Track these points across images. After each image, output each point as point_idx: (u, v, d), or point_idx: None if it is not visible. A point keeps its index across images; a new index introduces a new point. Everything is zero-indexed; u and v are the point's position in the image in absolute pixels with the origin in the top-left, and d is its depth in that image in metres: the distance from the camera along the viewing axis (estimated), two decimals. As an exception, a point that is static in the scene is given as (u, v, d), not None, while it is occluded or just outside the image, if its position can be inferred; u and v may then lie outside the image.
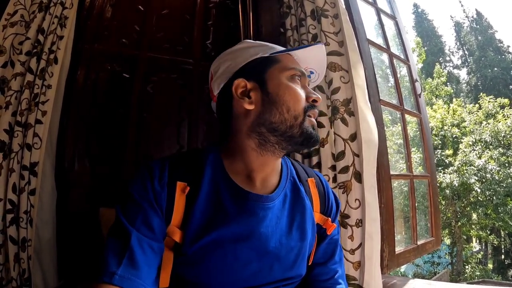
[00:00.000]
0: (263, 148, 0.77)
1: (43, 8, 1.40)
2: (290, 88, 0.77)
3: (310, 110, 0.78)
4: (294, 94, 0.77)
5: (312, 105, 0.79)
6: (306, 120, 0.76)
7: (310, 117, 0.78)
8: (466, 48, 27.21)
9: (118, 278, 0.58)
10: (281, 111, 0.75)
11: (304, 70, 0.85)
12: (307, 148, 0.83)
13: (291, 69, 0.80)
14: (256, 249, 0.73)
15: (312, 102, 0.79)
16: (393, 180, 1.69)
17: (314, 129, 0.79)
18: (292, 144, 0.77)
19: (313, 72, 0.91)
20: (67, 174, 1.59)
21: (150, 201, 0.69)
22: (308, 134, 0.76)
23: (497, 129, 11.80)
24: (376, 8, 2.12)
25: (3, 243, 1.29)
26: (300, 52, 0.85)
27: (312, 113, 0.79)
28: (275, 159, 0.80)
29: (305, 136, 0.76)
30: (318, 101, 0.80)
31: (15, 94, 1.33)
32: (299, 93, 0.77)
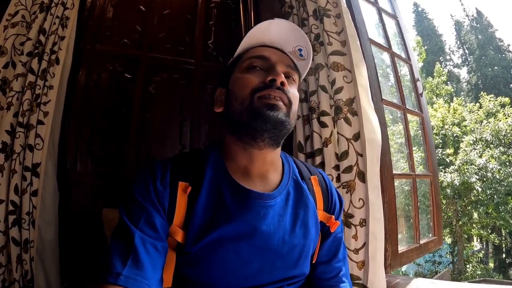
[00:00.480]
0: (242, 141, 0.78)
1: (44, 8, 1.40)
2: (238, 79, 0.81)
3: (262, 90, 0.75)
4: (240, 82, 0.79)
5: (266, 85, 0.76)
6: (254, 102, 0.74)
7: (264, 97, 0.74)
8: (466, 47, 27.21)
9: (124, 278, 0.58)
10: (233, 103, 0.79)
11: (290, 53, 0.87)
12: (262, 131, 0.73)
13: (245, 60, 0.83)
14: (258, 247, 0.73)
15: (269, 82, 0.76)
16: (394, 179, 1.69)
17: (270, 109, 0.73)
18: (247, 130, 0.76)
19: (302, 49, 0.88)
20: (69, 175, 1.59)
21: (152, 201, 0.70)
22: (254, 114, 0.73)
23: (498, 128, 11.79)
24: (377, 7, 2.11)
25: (6, 244, 1.29)
26: (269, 36, 0.85)
27: (267, 93, 0.74)
28: (262, 153, 0.79)
29: (252, 117, 0.74)
30: (277, 79, 0.76)
31: (17, 95, 1.33)
32: (245, 79, 0.79)
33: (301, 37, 0.87)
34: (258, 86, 0.76)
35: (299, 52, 0.88)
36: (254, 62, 0.81)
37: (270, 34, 0.85)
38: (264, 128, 0.73)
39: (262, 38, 0.85)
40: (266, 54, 0.83)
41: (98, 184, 1.64)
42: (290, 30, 0.86)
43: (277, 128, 0.74)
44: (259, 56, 0.82)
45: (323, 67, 1.38)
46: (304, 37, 0.87)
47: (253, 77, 0.78)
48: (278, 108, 0.74)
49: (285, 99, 0.76)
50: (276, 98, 0.75)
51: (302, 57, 0.88)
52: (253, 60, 0.82)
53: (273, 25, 0.85)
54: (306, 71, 0.92)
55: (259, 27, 0.85)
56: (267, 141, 0.76)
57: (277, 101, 0.75)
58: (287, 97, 0.77)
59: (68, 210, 1.51)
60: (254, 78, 0.78)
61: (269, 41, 0.86)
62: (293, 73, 0.85)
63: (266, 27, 0.85)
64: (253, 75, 0.79)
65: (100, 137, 1.69)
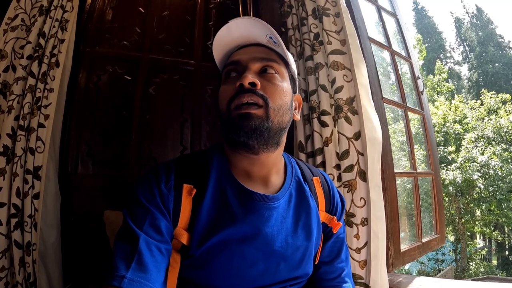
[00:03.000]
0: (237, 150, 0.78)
1: (44, 11, 1.41)
2: (219, 92, 0.80)
3: (234, 99, 0.73)
4: (220, 95, 0.79)
5: (237, 91, 0.74)
6: (231, 113, 0.73)
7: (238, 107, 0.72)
8: (466, 44, 27.13)
9: (128, 281, 0.58)
10: (219, 114, 0.79)
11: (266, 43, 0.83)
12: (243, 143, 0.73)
13: (224, 68, 0.83)
14: (262, 249, 0.73)
15: (238, 87, 0.74)
16: (396, 178, 1.69)
17: (241, 119, 0.71)
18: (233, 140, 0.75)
19: (271, 36, 0.82)
20: (70, 177, 1.59)
21: (157, 204, 0.69)
22: (231, 126, 0.73)
23: (499, 124, 11.75)
24: (377, 6, 2.11)
25: (8, 247, 1.29)
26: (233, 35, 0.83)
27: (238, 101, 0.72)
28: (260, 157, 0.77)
29: (231, 128, 0.73)
30: (243, 82, 0.73)
31: (17, 98, 1.33)
32: (223, 91, 0.78)
33: (264, 25, 0.81)
34: (231, 94, 0.74)
35: (271, 40, 0.83)
36: (228, 70, 0.81)
37: (234, 34, 0.83)
38: (241, 140, 0.72)
39: (230, 43, 0.84)
40: (237, 57, 0.80)
41: (100, 186, 1.64)
42: (252, 24, 0.82)
43: (255, 135, 0.72)
44: (231, 62, 0.81)
45: (323, 66, 1.38)
46: (266, 24, 0.81)
47: (228, 86, 0.77)
48: (250, 116, 0.71)
49: (258, 100, 0.73)
50: (248, 102, 0.72)
51: (276, 43, 0.82)
52: (227, 68, 0.81)
53: (232, 26, 0.82)
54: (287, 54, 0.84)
55: (219, 34, 0.83)
56: (257, 147, 0.74)
57: (249, 107, 0.72)
58: (259, 96, 0.73)
59: (70, 212, 1.52)
60: (229, 88, 0.77)
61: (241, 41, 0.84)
62: (272, 64, 0.80)
63: (226, 32, 0.83)
64: (228, 84, 0.78)
65: (101, 139, 1.69)
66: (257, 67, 0.78)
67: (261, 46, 0.83)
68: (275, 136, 0.76)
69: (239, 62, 0.79)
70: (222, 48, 0.85)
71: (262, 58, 0.79)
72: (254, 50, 0.81)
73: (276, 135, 0.76)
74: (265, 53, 0.81)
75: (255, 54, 0.80)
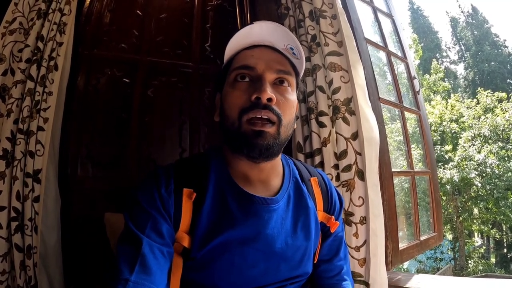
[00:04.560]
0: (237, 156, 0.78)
1: (42, 15, 1.40)
2: (227, 94, 0.77)
3: (249, 111, 0.71)
4: (229, 99, 0.76)
5: (253, 104, 0.71)
6: (242, 125, 0.71)
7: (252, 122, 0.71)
8: (462, 43, 27.27)
9: (132, 284, 0.59)
10: (224, 120, 0.77)
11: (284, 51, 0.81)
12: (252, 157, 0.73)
13: (233, 71, 0.78)
14: (263, 250, 0.74)
15: (255, 100, 0.71)
16: (394, 177, 1.70)
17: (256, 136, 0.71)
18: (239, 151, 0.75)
19: (293, 48, 0.81)
20: (70, 180, 1.59)
21: (158, 208, 0.70)
22: (242, 141, 0.72)
23: (496, 123, 11.81)
24: (372, 7, 2.12)
25: (9, 250, 1.29)
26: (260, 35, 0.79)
27: (253, 115, 0.71)
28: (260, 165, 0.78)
29: (241, 143, 0.73)
30: (262, 97, 0.70)
31: (16, 102, 1.33)
32: (233, 97, 0.75)
33: (290, 36, 0.80)
34: (245, 106, 0.72)
35: (291, 50, 0.81)
36: (240, 73, 0.77)
37: (254, 34, 0.80)
38: (252, 154, 0.73)
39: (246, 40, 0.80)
40: (252, 63, 0.76)
41: (100, 189, 1.64)
42: (277, 28, 0.80)
43: (265, 154, 0.73)
44: (245, 66, 0.77)
45: (320, 68, 1.39)
46: (292, 36, 0.81)
47: (240, 93, 0.74)
48: (265, 135, 0.71)
49: (273, 117, 0.71)
50: (263, 119, 0.71)
51: (295, 55, 0.82)
52: (239, 71, 0.77)
53: (255, 27, 0.79)
54: (302, 70, 0.86)
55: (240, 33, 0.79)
56: (261, 159, 0.75)
57: (264, 125, 0.71)
58: (275, 114, 0.72)
59: (70, 215, 1.52)
60: (241, 95, 0.74)
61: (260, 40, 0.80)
62: (286, 76, 0.78)
63: (247, 31, 0.80)
64: (240, 90, 0.75)
65: (100, 142, 1.70)
66: (272, 77, 0.76)
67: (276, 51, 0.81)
68: (280, 150, 0.78)
69: (255, 69, 0.76)
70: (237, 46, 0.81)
71: (279, 70, 0.77)
72: (269, 56, 0.79)
73: (280, 149, 0.78)
74: (280, 63, 0.79)
75: (271, 63, 0.77)
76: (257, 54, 0.78)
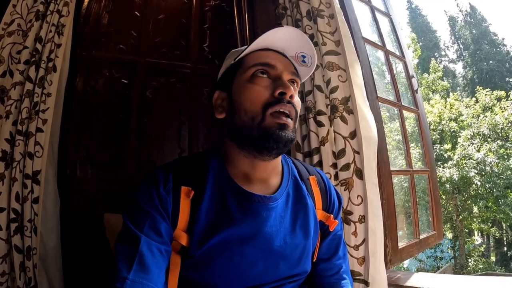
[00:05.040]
0: (244, 151, 0.78)
1: (40, 16, 1.41)
2: (245, 89, 0.77)
3: (274, 105, 0.74)
4: (248, 94, 0.76)
5: (278, 99, 0.74)
6: (266, 119, 0.73)
7: (276, 115, 0.73)
8: (461, 42, 27.30)
9: (130, 282, 0.59)
10: (240, 114, 0.77)
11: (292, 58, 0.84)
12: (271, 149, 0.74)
13: (250, 67, 0.79)
14: (262, 249, 0.74)
15: (279, 95, 0.75)
16: (393, 176, 1.70)
17: (282, 129, 0.73)
18: (256, 146, 0.75)
19: (305, 56, 0.86)
20: (69, 181, 1.59)
21: (156, 206, 0.70)
22: (266, 133, 0.73)
23: (495, 121, 11.83)
24: (370, 6, 2.13)
25: (8, 252, 1.30)
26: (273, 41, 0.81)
27: (279, 108, 0.73)
28: (264, 162, 0.79)
29: (263, 136, 0.73)
30: (287, 92, 0.74)
31: (15, 103, 1.33)
32: (254, 91, 0.76)
33: (307, 44, 0.84)
34: (269, 100, 0.74)
35: (302, 58, 0.86)
36: (260, 70, 0.78)
37: (275, 38, 0.81)
38: (274, 147, 0.74)
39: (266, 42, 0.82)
40: (272, 62, 0.80)
41: (99, 190, 1.65)
42: (295, 36, 0.83)
43: (286, 146, 0.75)
44: (266, 64, 0.79)
45: (318, 67, 1.40)
46: (310, 44, 0.84)
47: (262, 89, 0.76)
48: (288, 127, 0.74)
49: (293, 113, 0.76)
50: (285, 113, 0.74)
51: (305, 63, 0.86)
52: (259, 67, 0.78)
53: (281, 31, 0.81)
54: (307, 77, 0.92)
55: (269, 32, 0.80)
56: (273, 156, 0.77)
57: (287, 119, 0.74)
58: (295, 110, 0.77)
59: (69, 216, 1.52)
60: (263, 91, 0.75)
61: (273, 45, 0.83)
62: (296, 79, 0.84)
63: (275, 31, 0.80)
64: (261, 86, 0.76)
65: (99, 143, 1.70)
66: (288, 77, 0.80)
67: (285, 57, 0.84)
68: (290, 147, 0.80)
69: (275, 67, 0.79)
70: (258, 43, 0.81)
71: (293, 72, 0.82)
72: (283, 60, 0.82)
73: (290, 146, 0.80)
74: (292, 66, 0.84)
75: (286, 66, 0.82)
76: (273, 56, 0.81)
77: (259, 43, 0.81)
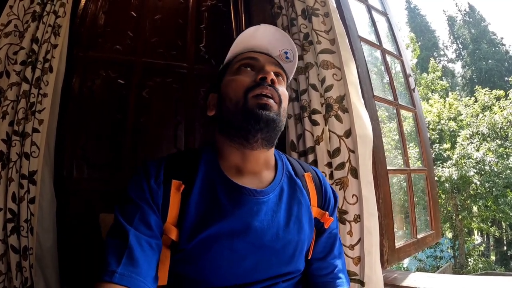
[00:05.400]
0: (234, 142, 0.80)
1: (36, 17, 1.41)
2: (230, 81, 0.83)
3: (255, 89, 0.77)
4: (233, 83, 0.81)
5: (258, 83, 0.78)
6: (248, 101, 0.76)
7: (257, 97, 0.76)
8: (460, 42, 27.32)
9: (118, 276, 0.59)
10: (227, 104, 0.81)
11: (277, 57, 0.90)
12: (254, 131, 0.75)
13: (236, 63, 0.86)
14: (252, 243, 0.74)
15: (260, 80, 0.78)
16: (392, 176, 1.70)
17: (262, 108, 0.75)
18: (241, 131, 0.77)
19: (288, 51, 0.92)
20: (66, 181, 1.59)
21: (147, 199, 0.71)
22: (247, 114, 0.75)
23: (494, 121, 11.82)
24: (367, 5, 2.13)
25: (5, 252, 1.30)
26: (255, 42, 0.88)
27: (260, 91, 0.76)
28: (255, 153, 0.80)
29: (245, 118, 0.75)
30: (267, 77, 0.78)
31: (12, 104, 1.34)
32: (238, 80, 0.81)
33: (287, 40, 0.90)
34: (250, 85, 0.78)
35: (285, 55, 0.91)
36: (244, 63, 0.84)
37: (257, 39, 0.88)
38: (256, 128, 0.75)
39: (249, 44, 0.88)
40: (255, 55, 0.86)
41: (95, 190, 1.65)
42: (276, 34, 0.89)
43: (269, 127, 0.76)
44: (248, 57, 0.85)
45: (313, 66, 1.40)
46: (289, 40, 0.91)
47: (245, 77, 0.81)
48: (270, 108, 0.76)
49: (276, 96, 0.78)
50: (267, 95, 0.77)
51: (288, 59, 0.92)
52: (242, 61, 0.85)
53: (259, 30, 0.88)
54: (293, 72, 0.96)
55: (246, 32, 0.87)
56: (260, 142, 0.77)
57: (268, 99, 0.76)
58: (277, 94, 0.79)
59: (66, 216, 1.52)
60: (246, 78, 0.80)
61: (257, 47, 0.88)
62: (281, 72, 0.88)
63: (253, 32, 0.88)
64: (244, 75, 0.81)
65: (95, 143, 1.70)
66: (272, 69, 0.84)
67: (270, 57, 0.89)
68: (277, 134, 0.81)
69: (257, 59, 0.85)
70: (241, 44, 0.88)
71: (276, 65, 0.88)
72: (267, 57, 0.88)
73: (278, 133, 0.81)
74: (276, 62, 0.89)
75: (270, 60, 0.87)
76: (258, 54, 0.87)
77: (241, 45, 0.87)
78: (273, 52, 0.90)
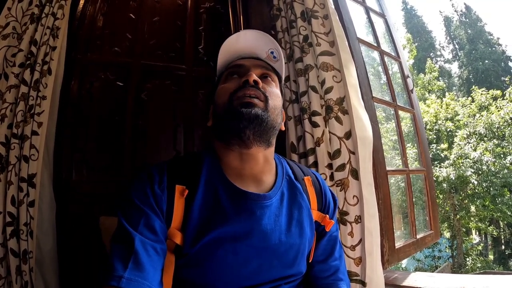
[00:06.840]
0: (230, 144, 0.81)
1: (35, 19, 1.40)
2: (219, 89, 0.87)
3: (238, 91, 0.80)
4: (221, 91, 0.85)
5: (242, 86, 0.81)
6: (233, 102, 0.79)
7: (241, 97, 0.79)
8: (456, 42, 27.47)
9: (126, 281, 0.59)
10: (217, 111, 0.85)
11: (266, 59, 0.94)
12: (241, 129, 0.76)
13: (224, 72, 0.92)
14: (256, 247, 0.74)
15: (243, 84, 0.81)
16: (390, 176, 1.70)
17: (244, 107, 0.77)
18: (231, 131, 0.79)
19: (273, 51, 0.95)
20: (65, 184, 1.59)
21: (151, 205, 0.71)
22: (232, 114, 0.77)
23: (491, 120, 11.86)
24: (365, 6, 2.14)
25: (4, 256, 1.29)
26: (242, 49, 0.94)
27: (243, 92, 0.79)
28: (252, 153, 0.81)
29: (231, 118, 0.78)
30: (249, 78, 0.81)
31: (10, 106, 1.33)
32: (224, 88, 0.85)
33: (269, 40, 0.95)
34: (235, 88, 0.81)
35: (272, 55, 0.95)
36: (230, 72, 0.89)
37: (240, 45, 0.93)
38: (241, 126, 0.76)
39: (235, 52, 0.93)
40: (240, 62, 0.90)
41: (94, 192, 1.64)
42: (258, 37, 0.95)
43: (255, 123, 0.76)
44: (235, 65, 0.90)
45: (313, 68, 1.40)
46: (272, 39, 0.95)
47: (231, 84, 0.84)
48: (253, 105, 0.77)
49: (260, 95, 0.80)
50: (251, 95, 0.79)
51: (276, 58, 0.95)
52: (230, 70, 0.90)
53: (240, 37, 0.94)
54: (283, 70, 0.98)
55: (228, 41, 0.94)
56: (252, 138, 0.77)
57: (252, 98, 0.78)
58: (261, 92, 0.81)
59: (65, 219, 1.51)
60: (232, 85, 0.84)
61: (243, 52, 0.94)
62: (270, 73, 0.91)
63: (235, 40, 0.93)
64: (231, 82, 0.85)
65: (94, 146, 1.69)
66: (258, 72, 0.88)
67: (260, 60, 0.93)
68: (269, 131, 0.81)
69: (243, 65, 0.89)
70: (227, 53, 0.94)
71: (263, 66, 0.91)
72: (255, 61, 0.92)
73: (270, 130, 0.81)
74: (265, 64, 0.92)
75: (257, 63, 0.91)
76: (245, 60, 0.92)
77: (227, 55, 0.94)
78: (261, 55, 0.95)
